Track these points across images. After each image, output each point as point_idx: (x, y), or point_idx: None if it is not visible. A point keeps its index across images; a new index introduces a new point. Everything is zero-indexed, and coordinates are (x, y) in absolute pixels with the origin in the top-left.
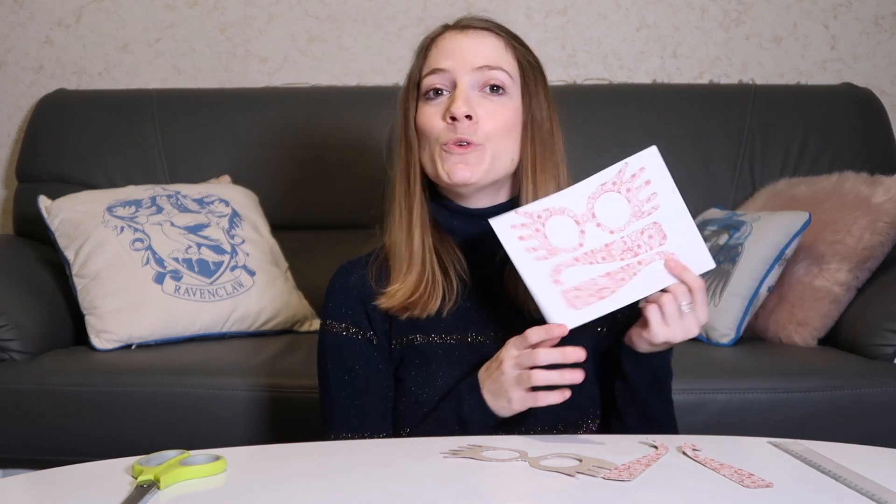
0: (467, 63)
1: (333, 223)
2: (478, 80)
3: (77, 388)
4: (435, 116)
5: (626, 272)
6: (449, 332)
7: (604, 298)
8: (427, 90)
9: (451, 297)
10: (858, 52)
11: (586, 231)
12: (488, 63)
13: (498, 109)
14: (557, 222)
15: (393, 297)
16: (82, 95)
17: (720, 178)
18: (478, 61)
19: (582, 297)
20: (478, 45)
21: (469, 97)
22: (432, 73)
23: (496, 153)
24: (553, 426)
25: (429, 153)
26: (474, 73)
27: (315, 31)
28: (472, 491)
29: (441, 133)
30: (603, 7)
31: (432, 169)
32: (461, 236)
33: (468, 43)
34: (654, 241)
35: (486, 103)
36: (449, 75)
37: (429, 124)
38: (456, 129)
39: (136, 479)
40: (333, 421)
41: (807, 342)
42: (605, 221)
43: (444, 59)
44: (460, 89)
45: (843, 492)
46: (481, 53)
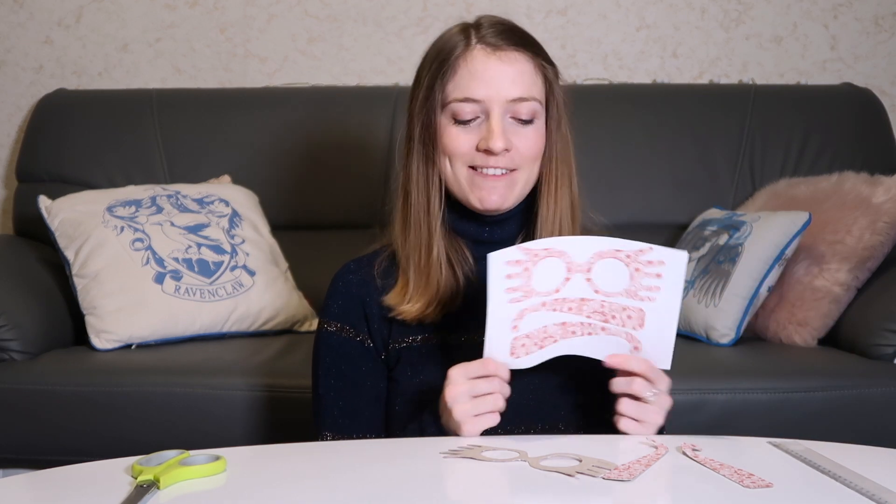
0: (502, 94)
1: (333, 223)
2: (509, 110)
3: (77, 388)
4: (464, 138)
5: (582, 328)
6: (449, 333)
7: (543, 348)
8: (457, 115)
9: (457, 298)
10: (858, 52)
11: (571, 280)
12: (522, 95)
13: (529, 136)
14: (550, 264)
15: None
16: (82, 95)
17: (720, 178)
18: (513, 92)
19: (527, 344)
20: (511, 72)
21: (505, 129)
22: (465, 101)
23: (527, 178)
24: (549, 427)
25: (454, 173)
26: (508, 105)
27: (315, 31)
28: (472, 491)
29: (469, 156)
30: (603, 7)
31: (458, 188)
32: (471, 238)
33: (502, 70)
34: (631, 322)
35: (518, 131)
36: (482, 105)
37: (456, 145)
38: (488, 159)
39: (136, 479)
40: (321, 420)
41: (807, 342)
42: (596, 280)
43: (478, 86)
44: (495, 121)
45: (843, 492)
46: (516, 83)
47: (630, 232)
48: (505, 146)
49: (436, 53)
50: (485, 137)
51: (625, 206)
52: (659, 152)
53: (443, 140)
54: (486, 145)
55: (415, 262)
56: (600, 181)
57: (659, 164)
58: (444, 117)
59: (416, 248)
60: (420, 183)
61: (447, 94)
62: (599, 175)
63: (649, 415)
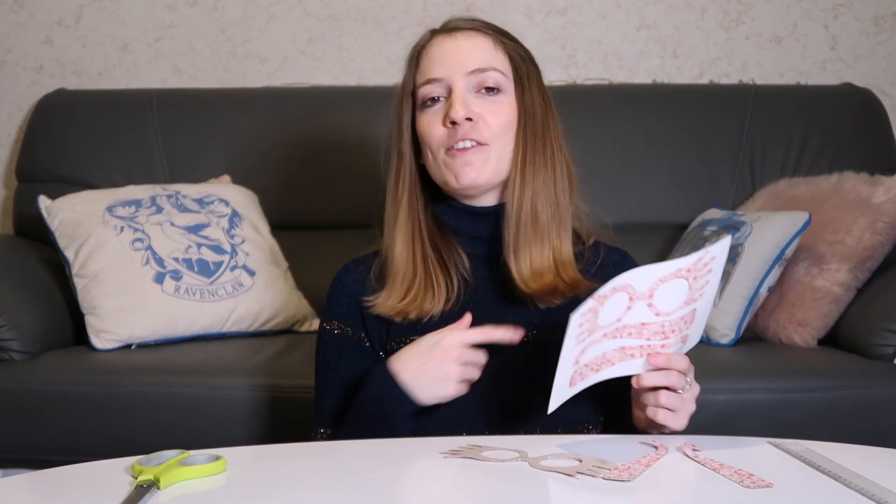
0: (460, 68)
1: (333, 223)
2: (472, 83)
3: (77, 388)
4: (434, 123)
5: (641, 351)
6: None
7: (599, 371)
8: (424, 99)
9: (452, 298)
10: (858, 52)
11: (633, 308)
12: (481, 66)
13: (496, 108)
14: (616, 300)
15: (382, 306)
16: (82, 95)
17: (720, 178)
18: (470, 64)
19: (584, 372)
20: (468, 47)
21: (466, 100)
22: (427, 83)
23: (500, 152)
24: (553, 430)
25: (433, 160)
26: (468, 77)
27: (315, 31)
28: (472, 491)
29: (443, 138)
30: (603, 7)
31: (439, 175)
32: (467, 235)
33: (458, 46)
34: (685, 325)
35: (483, 103)
36: (444, 83)
37: (429, 131)
38: (457, 132)
39: (136, 479)
40: (318, 417)
41: (807, 342)
42: (658, 303)
43: (437, 66)
44: (456, 94)
45: (843, 492)
46: (473, 56)
47: (630, 232)
48: (466, 114)
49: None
50: (447, 111)
51: (625, 206)
52: (659, 152)
53: (419, 130)
54: (448, 118)
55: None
56: (600, 181)
57: (659, 164)
58: (418, 109)
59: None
60: (392, 178)
61: (415, 84)
62: (599, 175)
63: (685, 404)
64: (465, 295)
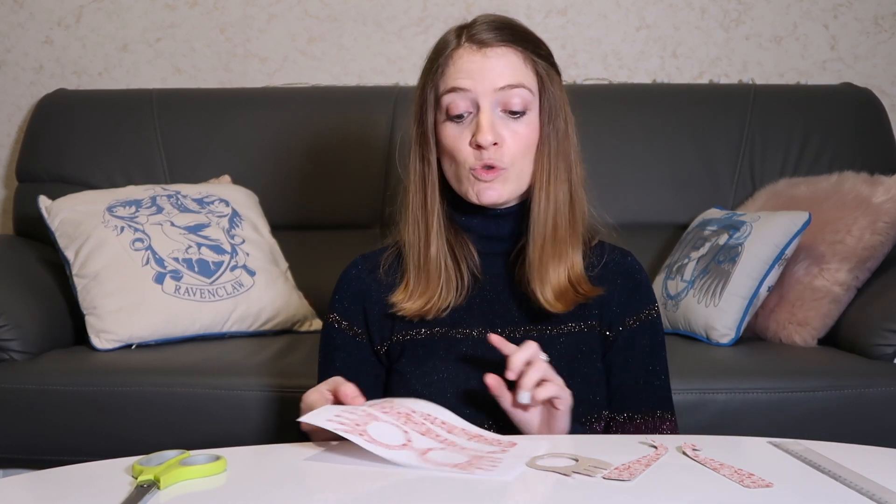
0: (489, 84)
1: (333, 223)
2: (500, 100)
3: (77, 388)
4: (460, 140)
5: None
6: (453, 327)
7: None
8: (448, 109)
9: (461, 294)
10: (858, 52)
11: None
12: (510, 82)
13: (520, 130)
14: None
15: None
16: (82, 95)
17: (720, 178)
18: (500, 81)
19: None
20: (498, 64)
21: (494, 123)
22: (452, 91)
23: (520, 173)
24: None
25: (455, 172)
26: (496, 94)
27: (315, 31)
28: (472, 491)
29: (467, 158)
30: (603, 7)
31: (459, 187)
32: (476, 233)
33: (487, 64)
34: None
35: (509, 125)
36: (470, 95)
37: (455, 146)
38: (482, 155)
39: (136, 479)
40: None
41: (807, 342)
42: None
43: (464, 78)
44: (484, 114)
45: (843, 492)
46: (503, 74)
47: (630, 232)
48: (493, 139)
49: (431, 55)
50: (475, 133)
51: (625, 206)
52: (659, 152)
53: (441, 139)
54: (475, 141)
55: (414, 261)
56: (600, 181)
57: (659, 164)
58: (440, 115)
59: (415, 246)
60: (417, 182)
61: (438, 90)
62: (599, 175)
63: (541, 416)
64: (473, 290)
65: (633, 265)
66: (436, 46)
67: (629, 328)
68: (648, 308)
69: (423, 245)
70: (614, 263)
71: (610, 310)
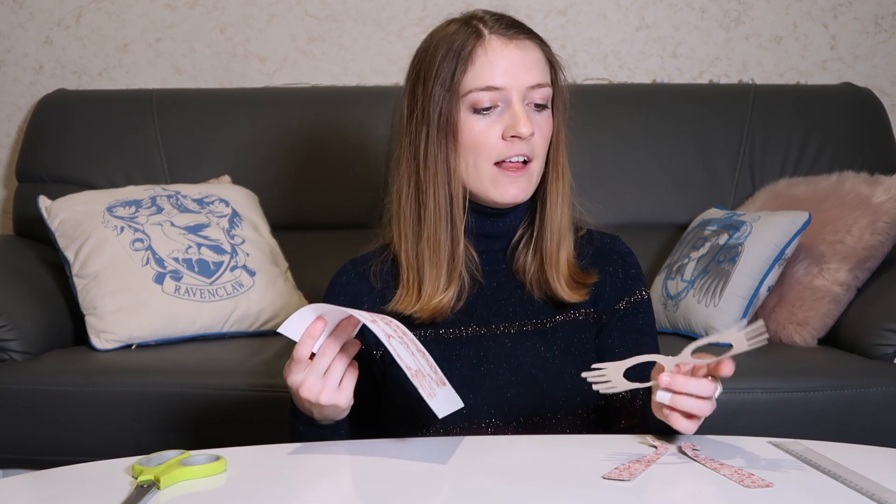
0: (522, 81)
1: (333, 223)
2: (527, 97)
3: (77, 388)
4: (488, 133)
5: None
6: (451, 328)
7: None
8: (477, 105)
9: (463, 295)
10: (858, 52)
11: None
12: (539, 81)
13: (543, 124)
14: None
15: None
16: (82, 95)
17: (720, 178)
18: (530, 79)
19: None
20: (527, 59)
21: (527, 114)
22: (486, 90)
23: (540, 168)
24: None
25: (475, 168)
26: (526, 91)
27: (315, 31)
28: (472, 491)
29: (496, 150)
30: (603, 7)
31: (479, 185)
32: (474, 234)
33: (520, 57)
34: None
35: (536, 119)
36: (503, 93)
37: (481, 140)
38: (514, 146)
39: (136, 479)
40: None
41: (807, 342)
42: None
43: (500, 75)
44: (518, 107)
45: (843, 492)
46: (532, 70)
47: (630, 232)
48: (532, 130)
49: (447, 47)
50: (511, 125)
51: (625, 206)
52: (659, 152)
53: (465, 134)
54: (514, 131)
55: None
56: (600, 181)
57: (659, 164)
58: (464, 110)
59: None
60: (440, 177)
61: (466, 84)
62: (599, 175)
63: (706, 409)
64: (472, 290)
65: (623, 248)
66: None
67: (623, 310)
68: (640, 290)
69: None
70: (604, 248)
71: (603, 294)
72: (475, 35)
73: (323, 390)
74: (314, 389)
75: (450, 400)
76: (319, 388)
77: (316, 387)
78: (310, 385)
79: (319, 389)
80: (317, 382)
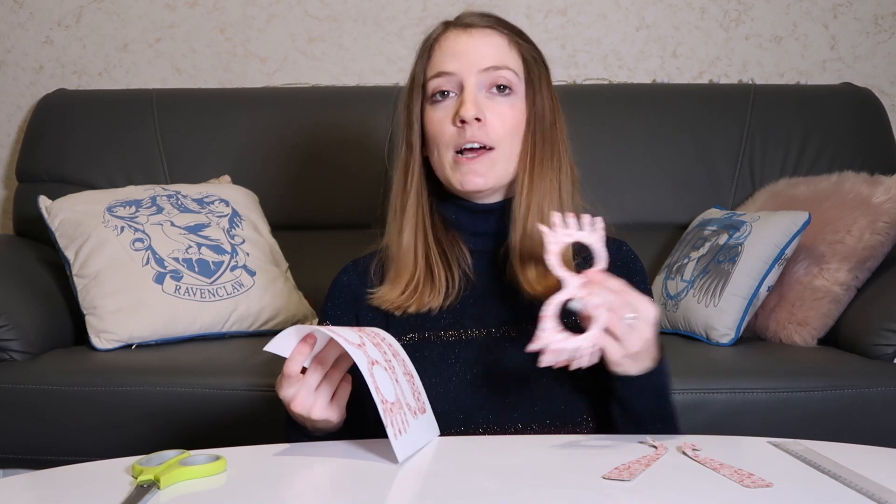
0: (474, 64)
1: (333, 223)
2: (485, 81)
3: (77, 388)
4: (444, 121)
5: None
6: (446, 329)
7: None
8: (433, 93)
9: (452, 294)
10: (858, 52)
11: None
12: (494, 63)
13: (506, 111)
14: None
15: (382, 300)
16: (82, 95)
17: (720, 178)
18: (484, 62)
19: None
20: (483, 44)
21: (477, 99)
22: (438, 76)
23: (507, 156)
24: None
25: (439, 158)
26: (481, 75)
27: (315, 31)
28: (471, 491)
29: (451, 138)
30: (603, 7)
31: (444, 174)
32: (469, 231)
33: (473, 43)
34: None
35: (493, 104)
36: (455, 78)
37: (438, 129)
38: (465, 132)
39: (136, 479)
40: None
41: (807, 342)
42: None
43: (450, 60)
44: (468, 91)
45: (843, 492)
46: (487, 54)
47: (630, 232)
48: (476, 114)
49: (420, 47)
50: (458, 110)
51: (625, 206)
52: (659, 152)
53: (426, 126)
54: (459, 117)
55: (391, 247)
56: (600, 181)
57: (659, 164)
58: (426, 102)
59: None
60: (399, 169)
61: (425, 76)
62: (599, 175)
63: (628, 331)
64: (465, 290)
65: (628, 256)
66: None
67: None
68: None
69: (396, 235)
70: (609, 254)
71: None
72: (440, 30)
73: (314, 405)
74: (306, 404)
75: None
76: (311, 403)
77: (307, 402)
78: (301, 400)
79: (311, 404)
80: (308, 397)
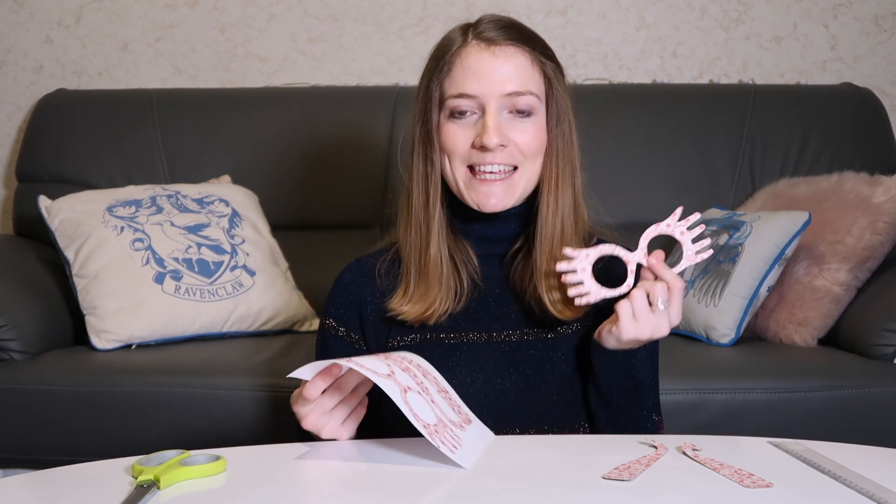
0: (497, 88)
1: (333, 223)
2: (506, 104)
3: (77, 388)
4: (461, 136)
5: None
6: (451, 332)
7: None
8: (452, 110)
9: (460, 299)
10: (858, 52)
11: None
12: (517, 89)
13: (527, 130)
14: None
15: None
16: (82, 95)
17: (720, 178)
18: (508, 86)
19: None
20: (506, 66)
21: (499, 123)
22: (459, 97)
23: (529, 175)
24: (548, 429)
25: (452, 171)
26: (503, 99)
27: (315, 31)
28: (472, 491)
29: (467, 155)
30: (603, 7)
31: (456, 188)
32: (476, 237)
33: (497, 65)
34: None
35: (515, 126)
36: (477, 101)
37: (453, 142)
38: (485, 156)
39: (136, 479)
40: None
41: (807, 342)
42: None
43: (472, 82)
44: (490, 115)
45: (843, 492)
46: (510, 77)
47: (630, 232)
48: (500, 142)
49: (435, 52)
50: (479, 134)
51: (625, 206)
52: (659, 152)
53: (441, 138)
54: (480, 142)
55: (415, 263)
56: (600, 181)
57: (659, 164)
58: (443, 115)
59: (415, 248)
60: (420, 182)
61: (444, 91)
62: (599, 175)
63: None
64: (472, 295)
65: None
66: (440, 43)
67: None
68: None
69: (423, 246)
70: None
71: (607, 309)
72: (460, 41)
73: (326, 426)
74: (317, 424)
75: (477, 440)
76: (322, 423)
77: (319, 422)
78: (313, 420)
79: (322, 425)
80: (321, 418)
